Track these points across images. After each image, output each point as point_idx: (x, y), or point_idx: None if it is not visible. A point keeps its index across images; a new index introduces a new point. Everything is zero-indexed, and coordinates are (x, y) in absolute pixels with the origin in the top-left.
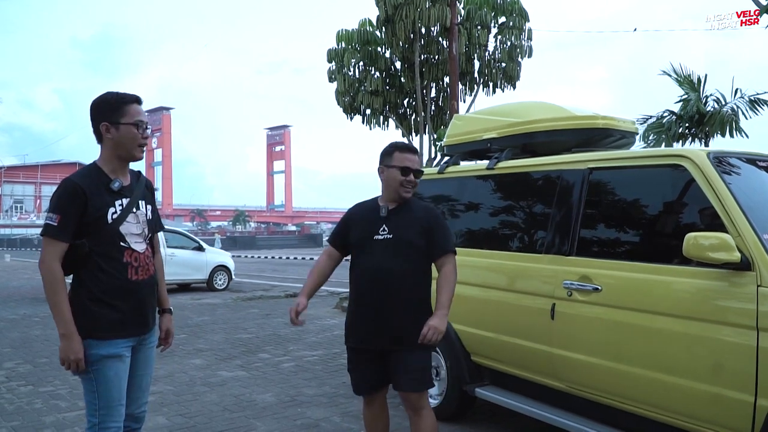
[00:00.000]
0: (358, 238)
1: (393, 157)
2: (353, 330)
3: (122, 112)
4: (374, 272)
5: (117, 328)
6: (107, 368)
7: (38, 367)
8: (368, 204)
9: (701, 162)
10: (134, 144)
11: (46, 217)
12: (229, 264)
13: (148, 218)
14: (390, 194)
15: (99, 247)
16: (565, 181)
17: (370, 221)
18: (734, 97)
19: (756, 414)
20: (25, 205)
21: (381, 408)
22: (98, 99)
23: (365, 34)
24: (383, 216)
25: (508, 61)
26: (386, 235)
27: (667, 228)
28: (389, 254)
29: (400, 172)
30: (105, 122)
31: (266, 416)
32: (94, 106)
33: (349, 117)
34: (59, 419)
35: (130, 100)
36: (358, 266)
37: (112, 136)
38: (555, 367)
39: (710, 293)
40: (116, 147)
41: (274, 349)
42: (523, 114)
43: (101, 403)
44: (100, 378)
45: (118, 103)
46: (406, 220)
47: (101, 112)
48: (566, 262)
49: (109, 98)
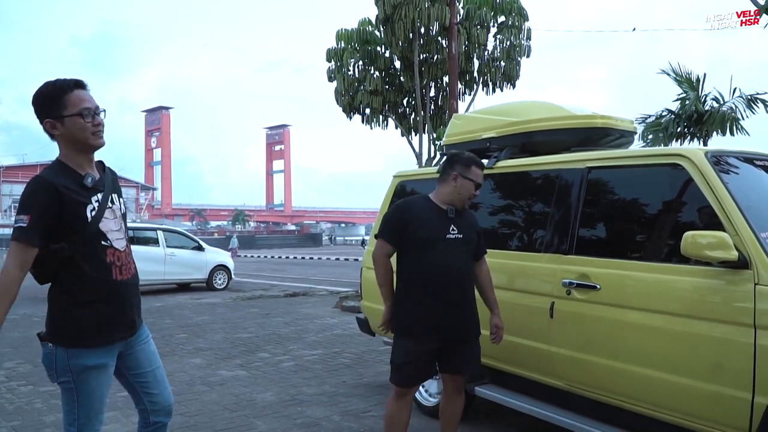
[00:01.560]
0: (427, 236)
1: (471, 171)
2: (422, 324)
3: (63, 103)
4: (447, 269)
5: (104, 333)
6: (91, 378)
7: (38, 366)
8: (424, 203)
9: (699, 161)
10: (86, 134)
11: (16, 220)
12: (228, 263)
13: (123, 212)
14: (455, 200)
15: (80, 248)
16: (564, 180)
17: (438, 221)
18: (732, 96)
19: (753, 411)
20: None
21: (409, 402)
22: (36, 93)
23: (365, 33)
24: (452, 217)
25: (508, 60)
26: (456, 234)
27: (666, 227)
28: (459, 252)
29: (475, 187)
30: (48, 119)
31: (266, 415)
32: (34, 102)
33: (348, 116)
34: (59, 419)
35: (70, 86)
36: (428, 263)
37: (60, 131)
38: (554, 366)
39: (708, 291)
40: (68, 141)
41: (274, 349)
42: (522, 113)
43: (81, 414)
44: (82, 389)
45: (56, 95)
46: (467, 222)
47: (41, 107)
48: (565, 260)
49: (46, 91)
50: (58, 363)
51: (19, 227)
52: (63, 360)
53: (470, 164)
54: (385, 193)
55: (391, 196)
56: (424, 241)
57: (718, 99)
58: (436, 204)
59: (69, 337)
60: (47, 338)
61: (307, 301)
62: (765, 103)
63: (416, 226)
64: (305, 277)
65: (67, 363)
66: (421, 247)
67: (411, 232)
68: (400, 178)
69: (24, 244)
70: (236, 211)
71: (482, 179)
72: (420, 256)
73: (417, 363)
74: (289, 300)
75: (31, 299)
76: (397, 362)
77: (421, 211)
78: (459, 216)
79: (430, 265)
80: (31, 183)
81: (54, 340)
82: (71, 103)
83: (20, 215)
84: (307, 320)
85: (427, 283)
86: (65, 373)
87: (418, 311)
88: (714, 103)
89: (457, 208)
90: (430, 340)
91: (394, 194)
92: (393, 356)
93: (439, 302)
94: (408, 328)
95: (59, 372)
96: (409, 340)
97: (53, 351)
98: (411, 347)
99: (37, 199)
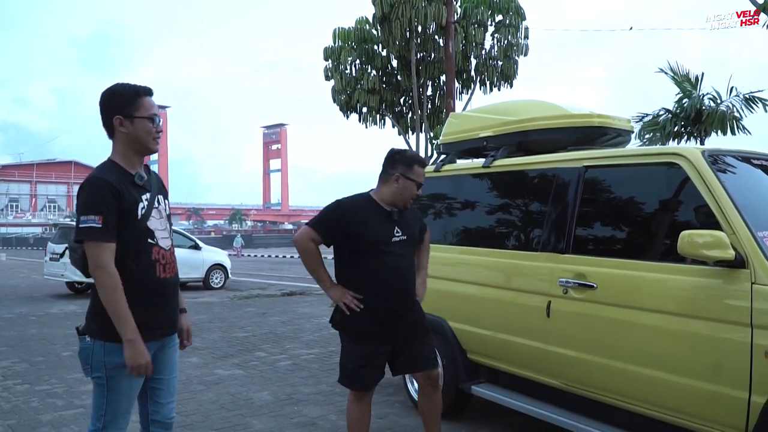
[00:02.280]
0: (375, 241)
1: (414, 171)
2: (375, 329)
3: (137, 105)
4: (396, 272)
5: (143, 330)
6: (124, 377)
7: (34, 365)
8: (369, 206)
9: (696, 160)
10: (149, 137)
11: (84, 220)
12: (225, 263)
13: (168, 213)
14: (397, 201)
15: (128, 245)
16: (561, 179)
17: (384, 224)
18: (730, 95)
19: (750, 410)
20: (21, 204)
21: (369, 402)
22: (110, 91)
23: (362, 32)
24: (396, 219)
25: (505, 59)
26: (401, 236)
27: (663, 226)
28: (405, 254)
29: (417, 187)
30: (119, 116)
31: (263, 414)
32: (106, 98)
33: (345, 115)
34: (56, 417)
35: (144, 92)
36: (376, 269)
37: (127, 130)
38: (551, 365)
39: (705, 291)
40: (131, 141)
41: (271, 348)
42: (519, 112)
43: (108, 410)
44: (113, 387)
45: (132, 96)
46: (410, 221)
47: (114, 104)
48: (562, 259)
49: (122, 90)
50: (94, 357)
51: (92, 227)
52: (99, 355)
53: (413, 164)
54: None
55: None
56: (371, 247)
57: (715, 98)
58: (380, 206)
59: (108, 332)
60: (86, 332)
61: (304, 300)
62: (763, 102)
63: (362, 230)
64: (302, 276)
65: (103, 358)
66: (369, 252)
67: (355, 237)
68: None
69: (105, 242)
70: (233, 211)
71: (424, 178)
72: (368, 262)
73: (372, 367)
74: (286, 299)
75: (27, 298)
76: (352, 367)
77: (368, 214)
78: (401, 216)
79: (379, 271)
80: (91, 183)
81: (93, 334)
82: (143, 107)
83: (89, 215)
84: (304, 319)
85: (378, 288)
86: (100, 368)
87: (371, 317)
88: (711, 103)
89: (400, 208)
90: (384, 344)
91: None
92: (346, 361)
93: (391, 307)
94: (362, 333)
95: (94, 367)
96: (364, 345)
97: (90, 345)
98: (365, 352)
99: (103, 197)
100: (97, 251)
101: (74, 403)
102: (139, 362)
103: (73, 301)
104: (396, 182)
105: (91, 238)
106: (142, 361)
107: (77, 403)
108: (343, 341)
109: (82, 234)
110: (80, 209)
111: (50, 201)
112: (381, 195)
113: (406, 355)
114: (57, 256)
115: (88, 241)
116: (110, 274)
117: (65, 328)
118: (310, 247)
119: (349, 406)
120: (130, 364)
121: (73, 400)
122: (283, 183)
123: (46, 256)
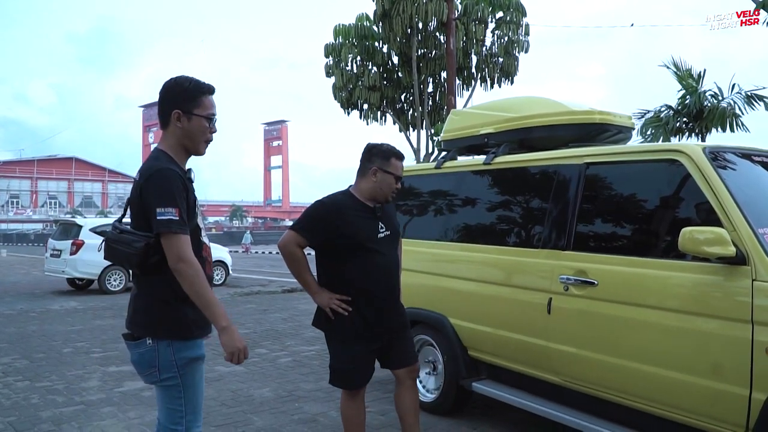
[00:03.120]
0: (362, 240)
1: (390, 164)
2: (368, 328)
3: (197, 102)
4: (383, 270)
5: (201, 326)
6: (195, 371)
7: (35, 362)
8: (353, 203)
9: (697, 157)
10: (202, 138)
11: (162, 212)
12: (226, 259)
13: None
14: (377, 195)
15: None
16: (562, 176)
17: (369, 222)
18: (731, 92)
19: (751, 407)
20: (22, 200)
21: (363, 398)
22: (173, 83)
23: (362, 29)
24: (379, 215)
25: (505, 56)
26: (385, 232)
27: (663, 223)
28: (390, 250)
29: (395, 180)
30: (177, 110)
31: (263, 411)
32: (168, 90)
33: (346, 112)
34: (56, 414)
35: (207, 90)
36: (365, 268)
37: (183, 125)
38: (551, 362)
39: (706, 287)
40: (184, 137)
41: (272, 345)
42: (520, 109)
43: (188, 409)
44: (189, 382)
45: (194, 92)
46: (390, 216)
47: (176, 98)
48: (563, 256)
49: (186, 84)
50: (161, 359)
51: (171, 220)
52: (168, 355)
53: (389, 157)
54: None
55: None
56: (358, 246)
57: (717, 95)
58: (363, 203)
59: (174, 330)
60: (145, 334)
61: (304, 296)
62: (765, 100)
63: (348, 229)
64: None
65: (172, 357)
66: (356, 252)
67: (341, 236)
68: None
69: (183, 234)
70: (234, 207)
71: (402, 171)
72: (356, 262)
73: (364, 364)
74: (286, 296)
75: (28, 295)
76: (345, 368)
77: (352, 213)
78: (384, 213)
79: (368, 270)
80: (164, 174)
81: (157, 334)
82: (204, 105)
83: (167, 208)
84: (305, 316)
85: (367, 288)
86: (170, 369)
87: (358, 318)
88: (713, 100)
89: (381, 203)
90: (376, 342)
91: None
92: (337, 362)
93: (379, 306)
94: (354, 334)
95: (163, 368)
96: (356, 345)
97: (154, 347)
98: (357, 351)
99: (176, 189)
100: (177, 244)
101: (74, 399)
102: (237, 347)
103: (74, 298)
104: (374, 176)
105: (172, 230)
106: (240, 345)
107: (77, 400)
108: (329, 342)
109: (162, 226)
110: (155, 201)
111: (51, 197)
112: (360, 191)
113: (394, 350)
114: (58, 253)
115: (168, 233)
116: (194, 264)
117: (66, 325)
118: (296, 252)
119: (343, 405)
120: (230, 350)
121: (73, 397)
122: (284, 180)
123: (47, 253)
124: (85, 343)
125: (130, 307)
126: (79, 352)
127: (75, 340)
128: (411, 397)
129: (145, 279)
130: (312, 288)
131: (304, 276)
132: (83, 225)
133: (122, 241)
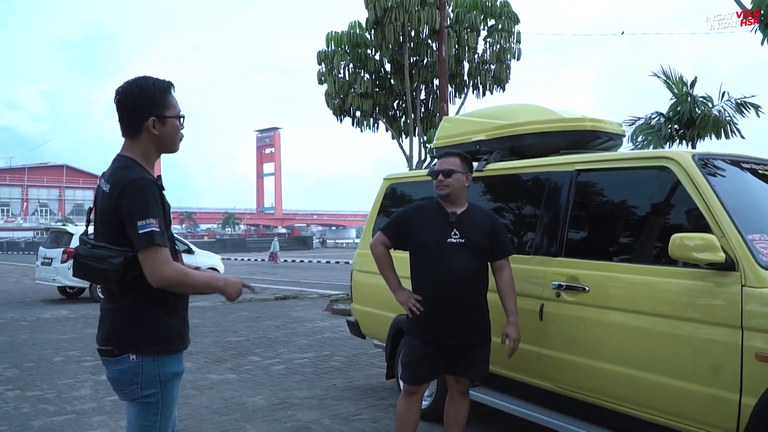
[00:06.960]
0: (426, 241)
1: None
2: (423, 325)
3: (167, 104)
4: (446, 274)
5: (184, 338)
6: (174, 387)
7: (25, 371)
8: (430, 208)
9: (686, 164)
10: (178, 137)
11: (143, 225)
12: (219, 267)
13: None
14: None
15: None
16: (553, 182)
17: (439, 226)
18: (721, 100)
19: (741, 412)
20: (12, 208)
21: (419, 399)
22: (139, 89)
23: (355, 36)
24: (453, 221)
25: (497, 63)
26: (458, 239)
27: (654, 229)
28: (461, 257)
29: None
30: (153, 117)
31: (256, 419)
32: (136, 97)
33: (338, 119)
34: (47, 423)
35: (170, 87)
36: (427, 268)
37: (159, 132)
38: (544, 368)
39: (696, 293)
40: (159, 142)
41: (265, 352)
42: (512, 116)
43: (162, 426)
44: (166, 399)
45: (162, 94)
46: (473, 226)
47: (146, 104)
48: (554, 263)
49: (151, 89)
50: (144, 375)
51: (153, 232)
52: (152, 370)
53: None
54: (375, 196)
55: (381, 198)
56: (422, 247)
57: (706, 102)
58: (441, 208)
59: (160, 344)
60: (128, 350)
61: (297, 304)
62: (755, 107)
63: (416, 231)
64: (296, 280)
65: (156, 373)
66: (421, 252)
67: (411, 237)
68: (391, 180)
69: (164, 247)
70: (226, 214)
71: (440, 164)
72: (420, 261)
73: (421, 362)
74: (279, 303)
75: (18, 303)
76: (404, 360)
77: (423, 216)
78: (463, 220)
79: (429, 270)
80: (139, 185)
81: (140, 350)
82: (172, 105)
83: (148, 219)
84: (298, 323)
85: (427, 287)
86: (152, 385)
87: (425, 314)
88: (703, 107)
89: (463, 207)
90: (431, 342)
91: (384, 197)
92: (403, 355)
93: (438, 306)
94: (414, 328)
95: (144, 385)
96: (415, 339)
97: (137, 363)
98: (416, 347)
99: (155, 199)
100: (159, 257)
101: (65, 408)
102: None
103: (65, 306)
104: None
105: (155, 242)
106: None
107: (69, 409)
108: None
109: (145, 240)
110: (136, 213)
111: (42, 205)
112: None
113: (459, 359)
114: (49, 261)
115: (150, 247)
116: (176, 272)
117: (57, 333)
118: (381, 251)
119: (399, 401)
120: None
121: (64, 406)
122: (276, 187)
123: (38, 261)
124: (76, 352)
125: (104, 322)
126: (70, 361)
127: (66, 348)
128: (455, 409)
129: (123, 294)
130: (392, 285)
131: (386, 273)
132: (74, 233)
133: (96, 256)
